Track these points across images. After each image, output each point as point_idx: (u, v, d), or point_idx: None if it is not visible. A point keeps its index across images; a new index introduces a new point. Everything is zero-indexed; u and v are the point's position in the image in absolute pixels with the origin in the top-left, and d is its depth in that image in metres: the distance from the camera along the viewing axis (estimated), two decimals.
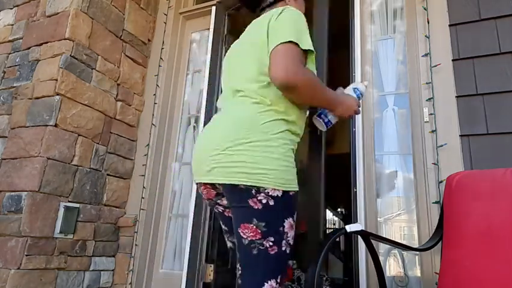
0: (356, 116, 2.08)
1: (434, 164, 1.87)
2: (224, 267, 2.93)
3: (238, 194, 1.11)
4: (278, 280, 1.11)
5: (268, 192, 1.09)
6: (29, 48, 2.44)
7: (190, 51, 3.07)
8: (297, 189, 1.17)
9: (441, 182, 1.82)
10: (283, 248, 1.12)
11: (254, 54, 1.25)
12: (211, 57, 2.75)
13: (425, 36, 2.06)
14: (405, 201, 2.06)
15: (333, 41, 2.31)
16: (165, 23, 3.01)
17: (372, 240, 1.48)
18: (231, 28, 2.89)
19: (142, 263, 2.54)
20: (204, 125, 2.60)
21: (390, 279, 1.93)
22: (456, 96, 1.91)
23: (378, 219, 2.05)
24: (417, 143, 2.01)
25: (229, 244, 1.39)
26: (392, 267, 1.99)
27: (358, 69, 2.22)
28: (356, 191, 2.03)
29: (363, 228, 1.57)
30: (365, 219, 1.99)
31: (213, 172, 1.15)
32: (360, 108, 1.42)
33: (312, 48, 1.20)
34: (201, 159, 1.22)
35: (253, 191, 1.09)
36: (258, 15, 1.39)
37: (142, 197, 2.63)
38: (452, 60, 1.96)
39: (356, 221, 1.97)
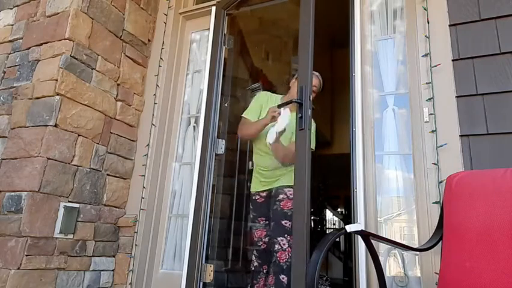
0: (356, 116, 2.14)
1: (434, 164, 1.87)
2: (224, 267, 2.93)
3: None
4: None
5: None
6: (29, 48, 2.44)
7: (190, 51, 3.07)
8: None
9: (441, 182, 1.82)
10: None
11: None
12: (211, 57, 2.74)
13: (425, 36, 2.06)
14: (405, 201, 2.06)
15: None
16: (165, 23, 3.01)
17: (372, 240, 1.48)
18: (231, 28, 2.89)
19: (142, 263, 2.54)
20: (204, 125, 2.61)
21: (390, 279, 1.93)
22: (456, 96, 1.91)
23: (378, 219, 2.04)
24: (417, 143, 2.01)
25: None
26: (392, 267, 1.99)
27: (358, 69, 2.22)
28: (356, 191, 2.03)
29: (363, 228, 1.57)
30: (365, 219, 1.99)
31: None
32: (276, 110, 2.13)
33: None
34: None
35: None
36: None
37: (142, 197, 2.63)
38: (452, 60, 1.96)
39: (356, 221, 1.98)
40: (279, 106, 2.08)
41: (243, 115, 2.43)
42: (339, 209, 8.55)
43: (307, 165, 1.85)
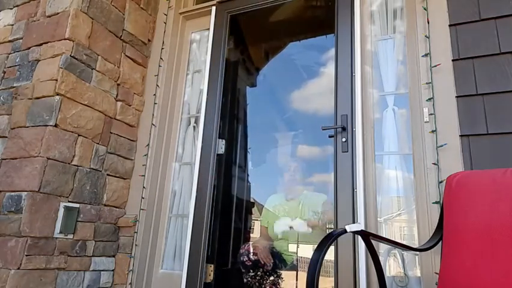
0: (356, 115, 2.15)
1: (434, 164, 1.87)
2: (224, 267, 2.93)
3: None
4: None
5: None
6: (29, 48, 2.44)
7: (190, 51, 3.07)
8: None
9: (441, 182, 1.82)
10: None
11: None
12: (211, 57, 2.75)
13: (425, 36, 2.06)
14: (405, 201, 2.06)
15: None
16: (165, 23, 3.01)
17: (372, 240, 1.48)
18: (231, 28, 2.89)
19: (142, 263, 2.54)
20: (204, 125, 2.61)
21: (390, 279, 1.93)
22: (456, 96, 1.91)
23: (378, 219, 2.04)
24: (417, 143, 2.01)
25: None
26: (392, 267, 1.99)
27: (358, 69, 2.22)
28: (356, 191, 2.03)
29: (363, 228, 1.57)
30: (365, 219, 1.99)
31: None
32: None
33: None
34: None
35: None
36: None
37: (142, 197, 2.63)
38: (452, 60, 1.96)
39: (356, 221, 1.97)
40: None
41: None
42: None
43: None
